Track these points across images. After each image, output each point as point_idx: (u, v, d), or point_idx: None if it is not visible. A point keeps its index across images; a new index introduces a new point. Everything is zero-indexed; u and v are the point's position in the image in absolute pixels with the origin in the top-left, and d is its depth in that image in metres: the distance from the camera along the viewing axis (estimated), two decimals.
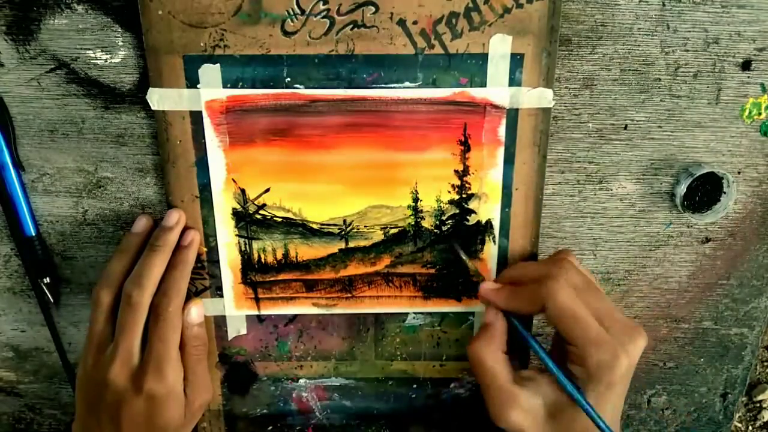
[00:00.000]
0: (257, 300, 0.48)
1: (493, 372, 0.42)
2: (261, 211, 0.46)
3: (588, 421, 0.39)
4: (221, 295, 0.48)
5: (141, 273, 0.42)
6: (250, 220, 0.46)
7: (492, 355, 0.42)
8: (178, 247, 0.44)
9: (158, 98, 0.42)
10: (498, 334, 0.43)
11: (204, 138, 0.43)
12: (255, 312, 0.49)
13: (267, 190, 0.45)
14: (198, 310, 0.46)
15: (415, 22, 0.41)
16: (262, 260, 0.47)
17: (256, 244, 0.46)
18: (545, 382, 0.41)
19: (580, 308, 0.40)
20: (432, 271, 0.48)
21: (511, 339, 0.44)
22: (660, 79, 0.44)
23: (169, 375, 0.42)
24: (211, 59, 0.41)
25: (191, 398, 0.44)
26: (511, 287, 0.43)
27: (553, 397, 0.41)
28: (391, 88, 0.42)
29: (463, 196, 0.45)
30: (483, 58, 0.42)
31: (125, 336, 0.42)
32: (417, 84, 0.42)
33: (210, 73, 0.42)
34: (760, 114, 0.45)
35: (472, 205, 0.46)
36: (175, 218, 0.45)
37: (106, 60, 0.42)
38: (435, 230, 0.46)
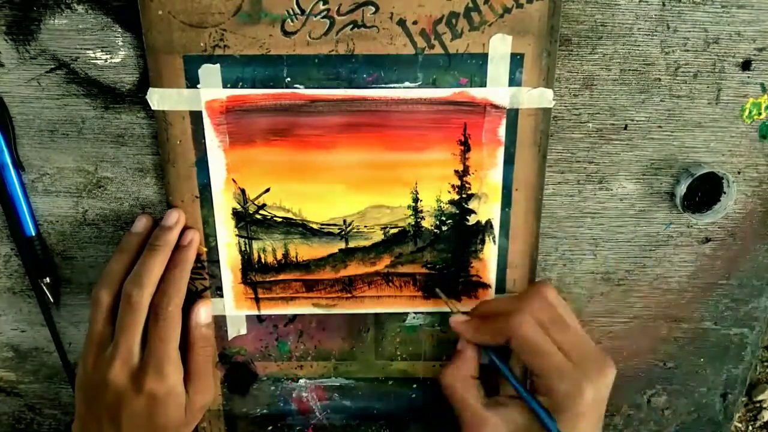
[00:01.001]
0: (257, 300, 0.48)
1: (464, 397, 0.43)
2: (261, 211, 0.46)
3: None
4: (221, 295, 0.48)
5: (141, 272, 0.42)
6: (250, 220, 0.46)
7: (462, 381, 0.44)
8: (178, 247, 0.44)
9: (158, 98, 0.42)
10: (468, 360, 0.45)
11: (204, 138, 0.43)
12: (255, 312, 0.49)
13: (267, 190, 0.45)
14: (207, 311, 0.46)
15: (415, 22, 0.41)
16: (262, 260, 0.47)
17: (256, 244, 0.46)
18: (516, 408, 0.42)
19: (543, 340, 0.41)
20: (432, 271, 0.48)
21: (487, 365, 0.45)
22: (660, 79, 0.44)
23: (170, 374, 0.42)
24: (211, 59, 0.41)
25: (193, 398, 0.44)
26: (480, 321, 0.45)
27: (522, 423, 0.42)
28: (391, 88, 0.42)
29: (463, 196, 0.45)
30: (483, 58, 0.42)
31: (125, 336, 0.42)
32: (417, 84, 0.42)
33: (210, 73, 0.42)
34: (760, 114, 0.45)
35: (472, 205, 0.46)
36: (175, 218, 0.45)
37: (106, 60, 0.42)
38: (435, 230, 0.46)
